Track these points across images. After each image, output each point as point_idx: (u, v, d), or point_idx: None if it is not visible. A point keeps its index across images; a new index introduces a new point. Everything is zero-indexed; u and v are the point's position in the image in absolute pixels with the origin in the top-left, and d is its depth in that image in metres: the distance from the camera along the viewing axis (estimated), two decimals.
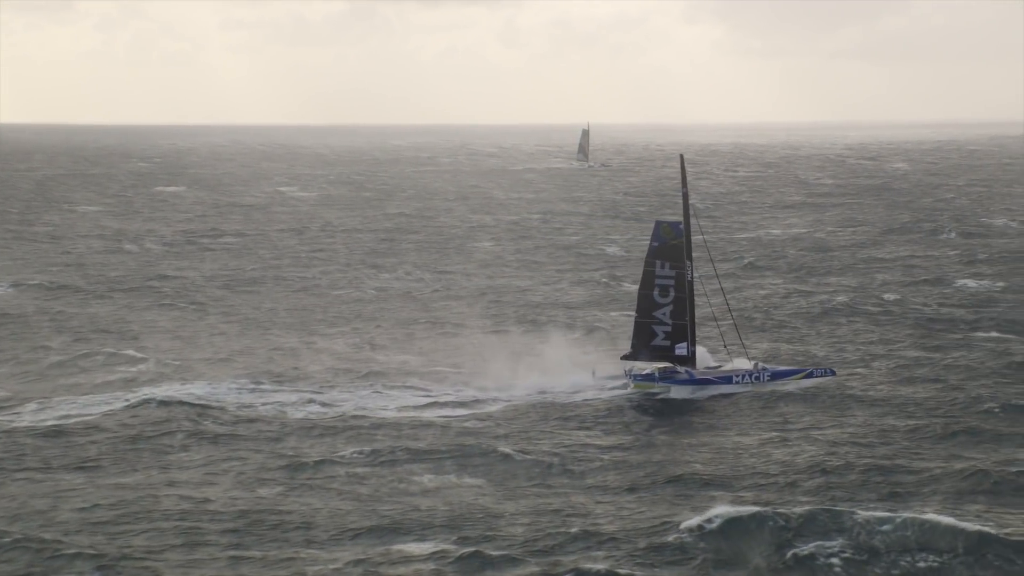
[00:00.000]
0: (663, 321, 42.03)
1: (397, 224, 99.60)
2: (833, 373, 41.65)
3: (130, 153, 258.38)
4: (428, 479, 31.18)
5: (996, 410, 37.34)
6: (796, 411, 38.19)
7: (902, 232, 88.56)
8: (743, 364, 41.87)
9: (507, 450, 33.51)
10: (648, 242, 42.56)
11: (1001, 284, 63.33)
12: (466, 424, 36.88)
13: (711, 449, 34.30)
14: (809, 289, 63.03)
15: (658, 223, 42.60)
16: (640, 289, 42.51)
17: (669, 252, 41.99)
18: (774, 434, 35.58)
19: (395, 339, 50.94)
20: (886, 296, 59.88)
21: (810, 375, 41.12)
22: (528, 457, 33.10)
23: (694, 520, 26.89)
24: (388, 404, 39.09)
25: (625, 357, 42.67)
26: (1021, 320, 52.83)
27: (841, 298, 59.01)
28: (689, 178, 43.86)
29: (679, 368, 41.88)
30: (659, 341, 42.13)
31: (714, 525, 26.51)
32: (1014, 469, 31.12)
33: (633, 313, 43.51)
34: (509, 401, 39.63)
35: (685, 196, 42.58)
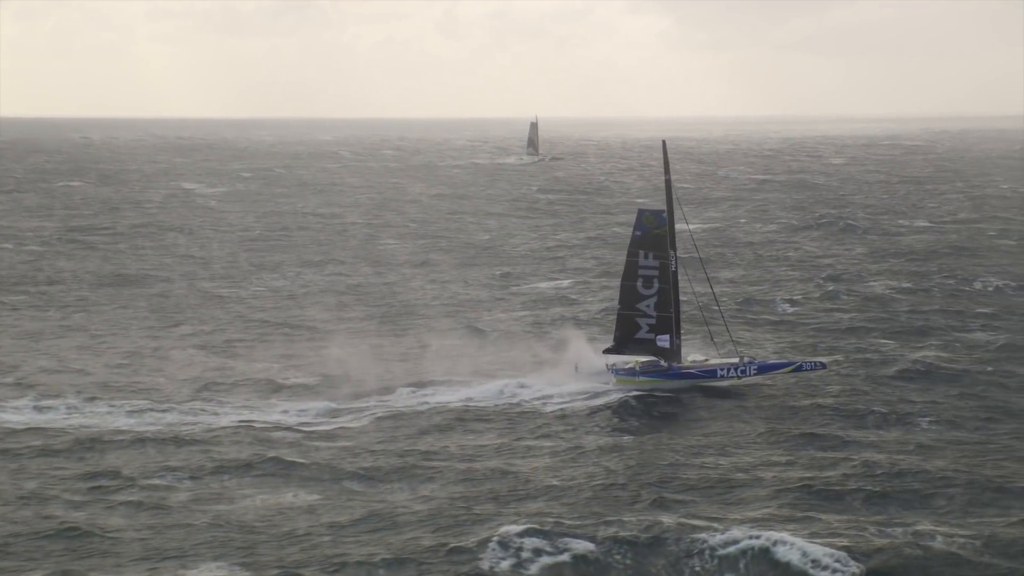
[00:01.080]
0: (647, 313, 41.77)
1: (300, 222, 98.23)
2: (823, 366, 41.31)
3: (39, 147, 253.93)
4: (251, 498, 29.97)
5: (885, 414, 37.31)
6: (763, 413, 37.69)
7: (808, 229, 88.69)
8: (729, 358, 41.78)
9: (347, 466, 32.41)
10: (631, 231, 42.30)
11: (907, 285, 63.16)
12: (303, 439, 35.66)
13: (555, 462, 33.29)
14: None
15: (640, 212, 42.46)
16: (623, 280, 42.21)
17: (652, 242, 41.69)
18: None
19: (252, 344, 49.72)
20: (777, 295, 59.75)
21: (799, 368, 40.88)
22: (365, 472, 32.03)
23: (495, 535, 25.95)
24: (225, 416, 37.72)
25: (607, 351, 42.26)
26: (915, 325, 52.48)
27: (734, 291, 58.67)
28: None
29: (662, 362, 41.50)
30: (643, 334, 41.78)
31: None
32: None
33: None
34: (375, 412, 38.39)
35: (668, 184, 42.29)
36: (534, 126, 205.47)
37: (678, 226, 41.59)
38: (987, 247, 76.96)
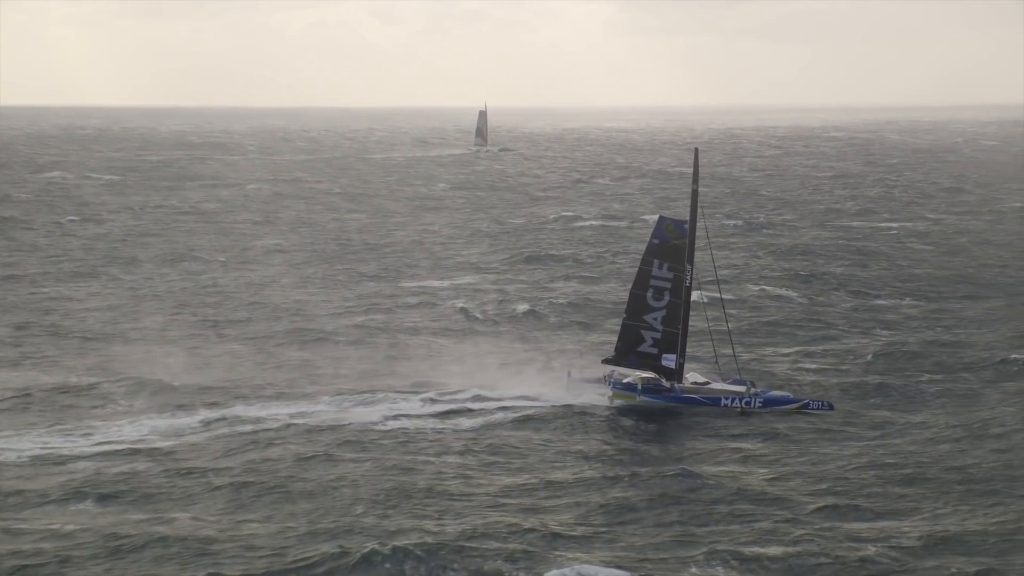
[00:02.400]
0: (653, 327, 41.43)
1: (173, 218, 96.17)
2: (831, 407, 40.49)
3: None
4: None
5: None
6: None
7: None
8: (735, 386, 41.00)
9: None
10: (648, 238, 41.75)
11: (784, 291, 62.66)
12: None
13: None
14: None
15: (661, 219, 41.98)
16: (633, 288, 41.82)
17: (669, 252, 41.30)
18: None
19: (64, 351, 48.22)
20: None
21: (806, 407, 40.32)
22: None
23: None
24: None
25: (607, 360, 41.89)
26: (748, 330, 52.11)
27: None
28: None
29: (663, 381, 40.98)
30: (647, 347, 41.46)
31: None
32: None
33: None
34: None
35: (694, 194, 41.76)
36: (483, 115, 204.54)
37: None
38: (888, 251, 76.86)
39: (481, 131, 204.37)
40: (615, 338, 42.26)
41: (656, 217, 42.96)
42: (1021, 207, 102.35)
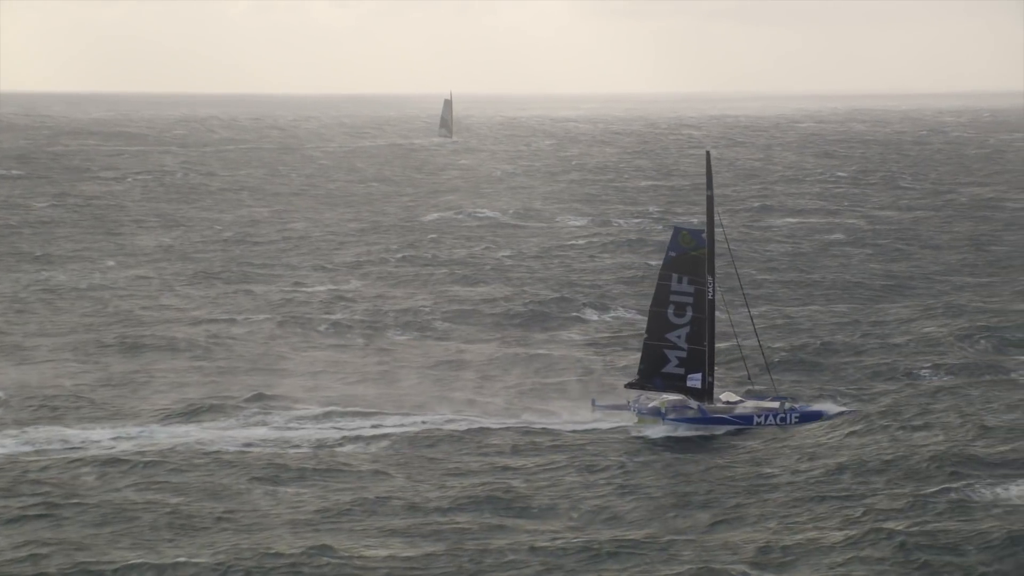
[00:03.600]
0: (677, 345, 41.02)
1: (50, 215, 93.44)
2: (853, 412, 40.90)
3: None
4: None
5: None
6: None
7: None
8: (770, 403, 40.87)
9: None
10: (665, 252, 41.46)
11: None
12: None
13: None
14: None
15: (677, 229, 41.88)
16: (652, 306, 41.60)
17: (688, 264, 40.98)
18: None
19: None
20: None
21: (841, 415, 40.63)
22: None
23: None
24: None
25: (630, 385, 41.50)
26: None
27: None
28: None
29: (691, 402, 40.71)
30: (672, 368, 41.03)
31: None
32: None
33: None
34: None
35: (710, 200, 41.23)
36: (448, 104, 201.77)
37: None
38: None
39: (446, 121, 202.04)
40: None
41: (668, 230, 44.06)
42: (967, 202, 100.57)
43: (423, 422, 39.06)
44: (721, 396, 41.24)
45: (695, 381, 40.77)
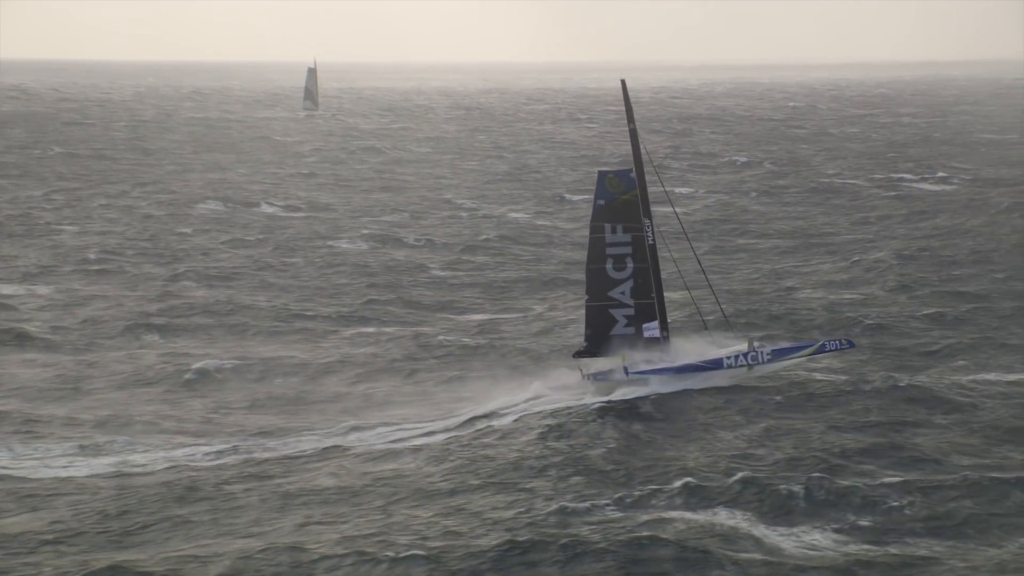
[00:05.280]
0: (623, 303, 40.23)
1: None
2: (852, 345, 41.38)
3: None
4: None
5: None
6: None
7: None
8: (733, 346, 40.69)
9: None
10: (592, 201, 40.59)
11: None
12: None
13: None
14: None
15: (602, 174, 40.67)
16: (588, 263, 40.53)
17: (620, 211, 40.07)
18: None
19: None
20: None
21: (822, 350, 40.31)
22: None
23: None
24: None
25: (578, 354, 40.71)
26: None
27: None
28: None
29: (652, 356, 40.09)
30: (621, 328, 40.25)
31: None
32: None
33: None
34: None
35: (633, 133, 40.44)
36: (312, 73, 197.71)
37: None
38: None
39: (310, 92, 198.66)
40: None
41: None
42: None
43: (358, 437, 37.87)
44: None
45: (653, 330, 40.19)
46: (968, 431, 36.35)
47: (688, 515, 29.88)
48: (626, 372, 39.48)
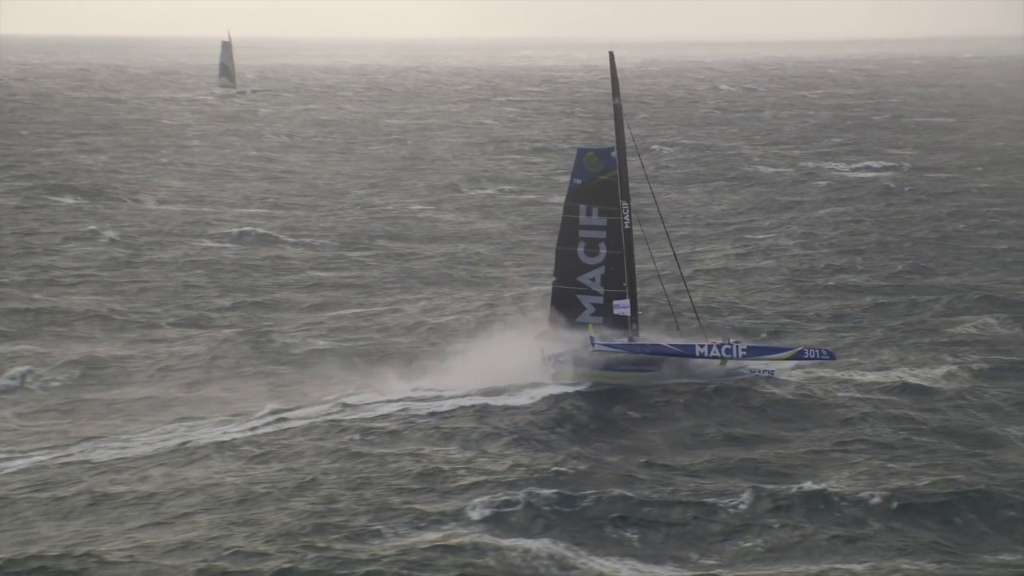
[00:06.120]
0: (592, 290, 40.34)
1: None
2: (832, 356, 40.96)
3: None
4: None
5: None
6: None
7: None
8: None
9: None
10: (569, 179, 40.60)
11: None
12: None
13: None
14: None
15: (581, 151, 40.45)
16: (559, 244, 40.57)
17: (598, 191, 39.84)
18: None
19: None
20: None
21: (800, 356, 40.28)
22: None
23: None
24: None
25: (542, 336, 40.86)
26: None
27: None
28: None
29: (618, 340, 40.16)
30: (588, 316, 40.40)
31: None
32: None
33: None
34: None
35: (617, 109, 39.86)
36: (227, 47, 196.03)
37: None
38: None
39: (226, 69, 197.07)
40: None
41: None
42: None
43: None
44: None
45: (623, 308, 40.10)
46: (827, 439, 36.69)
47: (486, 538, 29.85)
48: (592, 343, 39.24)
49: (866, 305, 53.83)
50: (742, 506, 31.18)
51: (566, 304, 40.41)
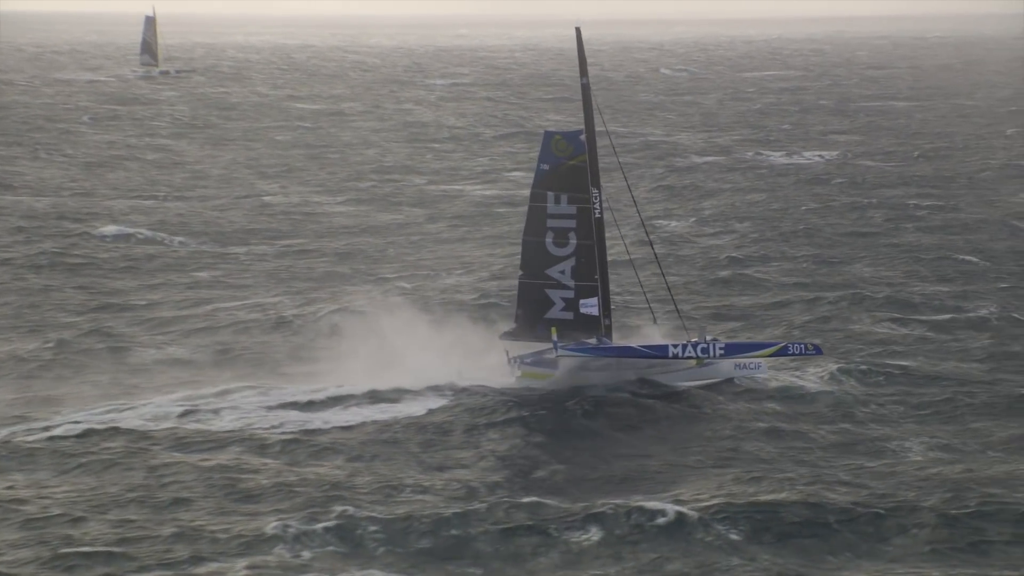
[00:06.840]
0: (562, 283, 40.16)
1: None
2: (819, 351, 40.95)
3: None
4: None
5: None
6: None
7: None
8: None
9: None
10: (536, 165, 40.52)
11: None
12: None
13: None
14: None
15: (548, 135, 40.37)
16: (525, 235, 40.50)
17: (566, 177, 39.79)
18: None
19: None
20: None
21: (784, 352, 40.20)
22: None
23: None
24: None
25: (507, 335, 40.68)
26: None
27: None
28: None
29: (589, 341, 39.86)
30: (557, 312, 40.24)
31: None
32: None
33: None
34: None
35: (585, 88, 39.94)
36: (151, 22, 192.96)
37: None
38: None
39: (149, 46, 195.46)
40: None
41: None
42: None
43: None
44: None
45: (591, 307, 39.98)
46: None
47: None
48: (556, 347, 39.04)
49: (765, 302, 53.61)
50: (589, 534, 30.64)
51: (534, 299, 40.38)
